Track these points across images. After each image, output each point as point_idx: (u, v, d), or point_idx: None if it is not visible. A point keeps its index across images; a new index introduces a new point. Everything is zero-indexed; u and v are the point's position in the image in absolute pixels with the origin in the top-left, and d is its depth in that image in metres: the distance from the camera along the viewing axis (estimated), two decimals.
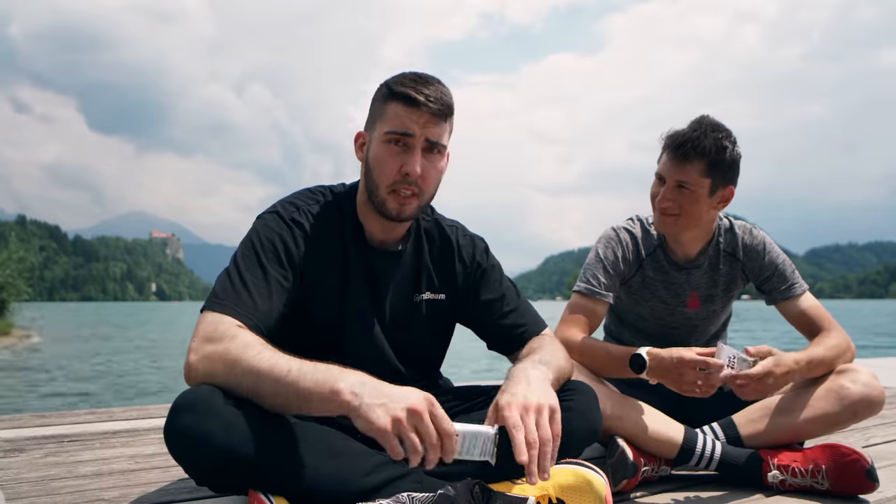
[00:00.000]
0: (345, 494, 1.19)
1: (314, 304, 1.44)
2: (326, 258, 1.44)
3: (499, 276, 1.61)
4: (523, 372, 1.30)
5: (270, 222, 1.40)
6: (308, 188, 1.54)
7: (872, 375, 1.69)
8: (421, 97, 1.35)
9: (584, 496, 1.30)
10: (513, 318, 1.56)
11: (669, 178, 1.78)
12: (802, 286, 1.89)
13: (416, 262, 1.54)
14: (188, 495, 1.52)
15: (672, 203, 1.78)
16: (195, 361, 1.19)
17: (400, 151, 1.37)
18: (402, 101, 1.36)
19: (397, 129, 1.36)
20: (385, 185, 1.39)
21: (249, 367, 1.14)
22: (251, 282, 1.30)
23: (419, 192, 1.40)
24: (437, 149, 1.40)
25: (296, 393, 1.11)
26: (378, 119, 1.40)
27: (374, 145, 1.40)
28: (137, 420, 2.43)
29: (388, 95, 1.39)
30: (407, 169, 1.37)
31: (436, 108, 1.36)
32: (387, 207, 1.41)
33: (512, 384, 1.25)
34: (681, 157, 1.74)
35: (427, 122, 1.36)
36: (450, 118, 1.42)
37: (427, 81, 1.39)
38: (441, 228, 1.58)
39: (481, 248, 1.61)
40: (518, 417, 1.15)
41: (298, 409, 1.14)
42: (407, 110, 1.36)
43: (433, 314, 1.56)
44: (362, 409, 1.06)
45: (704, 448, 1.66)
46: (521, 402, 1.17)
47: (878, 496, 1.56)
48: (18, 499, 1.48)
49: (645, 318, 2.01)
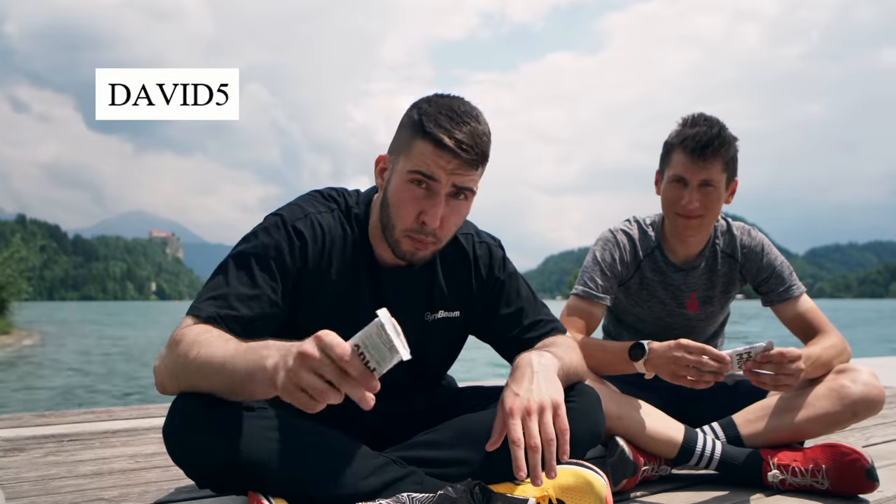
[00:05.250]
0: (345, 495, 1.19)
1: (305, 318, 1.34)
2: (328, 272, 1.35)
3: (516, 286, 1.51)
4: (528, 363, 1.27)
5: (271, 228, 1.32)
6: (321, 192, 1.43)
7: (872, 375, 1.69)
8: (452, 142, 1.22)
9: (584, 496, 1.30)
10: (534, 332, 1.48)
11: (693, 179, 1.75)
12: (800, 288, 1.89)
13: (429, 280, 1.44)
14: (188, 495, 1.52)
15: (700, 204, 1.76)
16: (156, 368, 1.19)
17: (422, 195, 1.26)
18: (433, 142, 1.23)
19: (422, 170, 1.24)
20: (401, 229, 1.29)
21: (192, 363, 1.10)
22: (234, 286, 1.24)
23: (436, 240, 1.31)
24: (463, 194, 1.29)
25: (238, 392, 1.07)
26: (404, 152, 1.28)
27: (396, 180, 1.29)
28: (137, 419, 2.43)
29: (418, 131, 1.24)
30: (425, 219, 1.26)
31: (468, 158, 1.23)
32: (400, 249, 1.31)
33: (516, 378, 1.23)
34: (707, 157, 1.72)
35: (456, 169, 1.24)
36: (482, 165, 1.29)
37: (463, 120, 1.24)
38: (454, 238, 1.44)
39: (499, 257, 1.50)
40: (519, 430, 1.12)
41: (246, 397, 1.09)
42: (436, 152, 1.23)
43: (445, 332, 1.48)
44: (275, 379, 0.96)
45: (704, 447, 1.65)
46: (524, 405, 1.15)
47: (878, 496, 1.56)
48: (18, 498, 1.48)
49: (643, 320, 2.01)
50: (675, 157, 1.78)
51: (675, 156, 1.78)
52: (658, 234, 1.94)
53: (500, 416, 1.17)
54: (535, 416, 1.14)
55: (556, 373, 1.27)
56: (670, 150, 1.80)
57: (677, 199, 1.78)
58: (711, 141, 1.72)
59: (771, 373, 1.53)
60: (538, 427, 1.13)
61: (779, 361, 1.51)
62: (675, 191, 1.79)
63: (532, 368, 1.25)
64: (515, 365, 1.30)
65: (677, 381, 1.57)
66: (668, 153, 1.81)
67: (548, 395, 1.18)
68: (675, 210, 1.80)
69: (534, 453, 1.11)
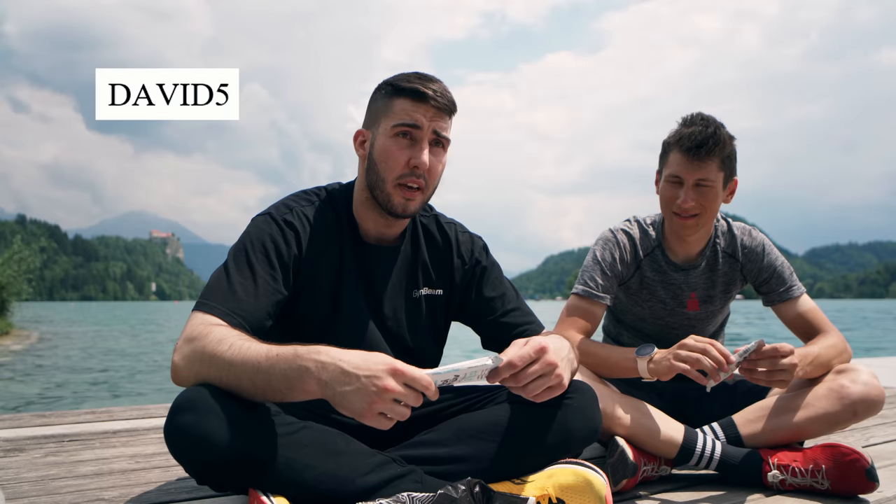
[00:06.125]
0: (345, 493, 1.19)
1: (305, 307, 1.43)
2: (319, 259, 1.44)
3: (499, 275, 1.61)
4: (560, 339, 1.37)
5: (262, 224, 1.40)
6: (303, 190, 1.53)
7: (872, 375, 1.69)
8: (429, 91, 1.38)
9: (584, 496, 1.30)
10: (514, 317, 1.55)
11: (689, 178, 1.76)
12: (800, 288, 1.90)
13: (414, 258, 1.55)
14: (188, 495, 1.52)
15: (695, 203, 1.76)
16: (177, 361, 1.20)
17: (408, 145, 1.40)
18: (410, 95, 1.39)
19: (406, 121, 1.38)
20: (392, 179, 1.40)
21: (224, 361, 1.15)
22: (238, 282, 1.30)
23: (425, 185, 1.42)
24: (441, 143, 1.43)
25: (271, 387, 1.13)
26: (383, 115, 1.42)
27: (381, 140, 1.41)
28: (137, 420, 2.43)
29: (394, 92, 1.41)
30: (415, 161, 1.39)
31: (443, 103, 1.40)
32: (392, 203, 1.42)
33: (550, 336, 1.33)
34: (702, 156, 1.73)
35: (434, 116, 1.40)
36: (453, 113, 1.44)
37: (431, 79, 1.42)
38: (439, 224, 1.59)
39: (480, 245, 1.61)
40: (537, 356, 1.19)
41: (279, 399, 1.15)
42: (414, 104, 1.39)
43: (431, 310, 1.56)
44: (337, 398, 1.07)
45: (704, 448, 1.66)
46: (553, 357, 1.21)
47: (878, 496, 1.56)
48: (18, 498, 1.48)
49: (644, 319, 2.01)
50: (672, 157, 1.79)
51: (671, 155, 1.79)
52: (658, 234, 1.94)
53: (528, 346, 1.21)
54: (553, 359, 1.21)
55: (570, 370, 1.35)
56: (668, 150, 1.81)
57: (673, 198, 1.79)
58: (706, 140, 1.72)
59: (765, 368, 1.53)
60: None
61: (772, 357, 1.52)
62: (672, 190, 1.80)
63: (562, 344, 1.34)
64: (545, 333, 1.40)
65: (678, 369, 1.54)
66: (666, 153, 1.82)
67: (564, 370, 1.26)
68: (672, 209, 1.81)
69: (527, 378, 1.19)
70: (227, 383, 1.16)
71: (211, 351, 1.16)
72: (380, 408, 1.05)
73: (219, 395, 1.14)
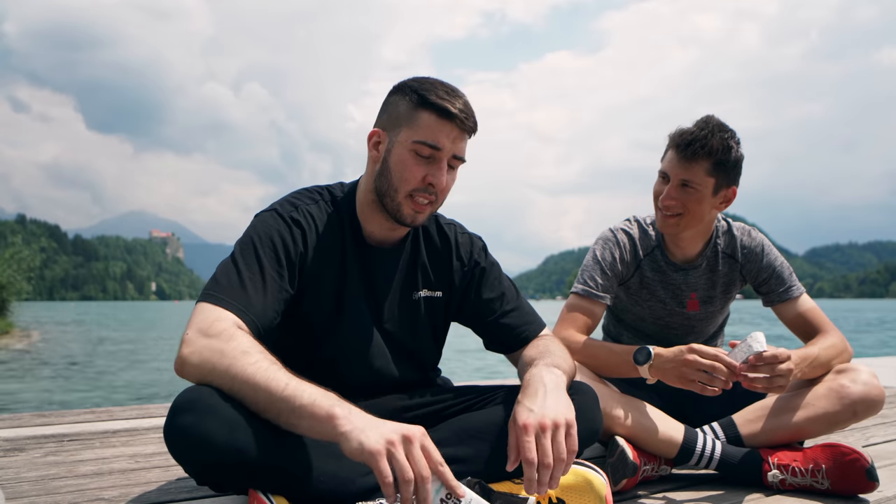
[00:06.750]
0: (345, 494, 1.19)
1: (309, 306, 1.42)
2: (323, 259, 1.43)
3: (498, 275, 1.60)
4: (539, 379, 1.28)
5: (269, 220, 1.39)
6: (306, 188, 1.52)
7: (872, 375, 1.69)
8: (456, 111, 1.34)
9: (584, 496, 1.30)
10: (513, 318, 1.55)
11: (674, 177, 1.77)
12: (800, 288, 1.90)
13: (413, 260, 1.54)
14: (188, 495, 1.52)
15: (675, 202, 1.77)
16: (188, 354, 1.16)
17: (426, 162, 1.37)
18: (437, 112, 1.35)
19: (429, 141, 1.35)
20: (405, 191, 1.38)
21: (245, 374, 1.11)
22: (248, 277, 1.28)
23: (436, 201, 1.41)
24: (458, 163, 1.42)
25: (290, 409, 1.08)
26: (405, 124, 1.38)
27: (399, 150, 1.38)
28: (137, 419, 2.43)
29: (421, 103, 1.36)
30: (432, 180, 1.37)
31: (468, 126, 1.38)
32: (402, 213, 1.40)
33: (529, 394, 1.23)
34: (689, 156, 1.73)
35: (457, 137, 1.37)
36: (474, 134, 1.42)
37: (457, 94, 1.38)
38: (439, 226, 1.58)
39: (479, 246, 1.60)
40: (533, 448, 1.12)
41: (287, 424, 1.10)
42: (440, 123, 1.35)
43: (431, 312, 1.56)
44: (354, 432, 1.02)
45: (704, 447, 1.66)
46: (538, 421, 1.15)
47: (878, 496, 1.56)
48: (18, 498, 1.48)
49: (643, 319, 2.01)
50: (667, 153, 1.81)
51: (667, 151, 1.81)
52: (658, 234, 1.94)
53: (514, 433, 1.17)
54: (549, 433, 1.14)
55: (564, 390, 1.29)
56: (667, 146, 1.83)
57: (658, 193, 1.83)
58: (695, 141, 1.72)
59: (765, 375, 1.53)
60: (551, 445, 1.14)
61: (771, 363, 1.52)
62: (659, 185, 1.83)
63: (544, 385, 1.26)
64: (526, 381, 1.31)
65: (686, 386, 1.57)
66: (665, 149, 1.83)
67: (562, 415, 1.18)
68: (656, 204, 1.84)
69: (545, 470, 1.11)
70: (237, 393, 1.13)
71: (231, 359, 1.13)
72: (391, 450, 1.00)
73: (220, 396, 1.13)
